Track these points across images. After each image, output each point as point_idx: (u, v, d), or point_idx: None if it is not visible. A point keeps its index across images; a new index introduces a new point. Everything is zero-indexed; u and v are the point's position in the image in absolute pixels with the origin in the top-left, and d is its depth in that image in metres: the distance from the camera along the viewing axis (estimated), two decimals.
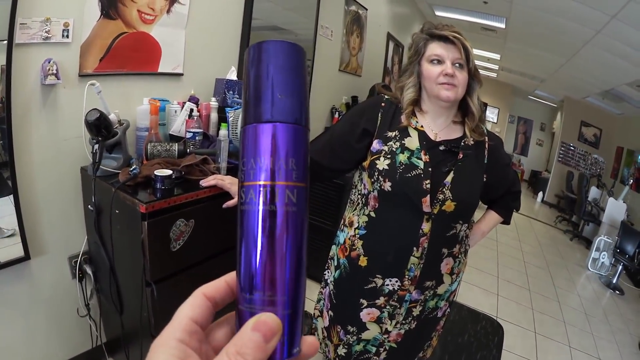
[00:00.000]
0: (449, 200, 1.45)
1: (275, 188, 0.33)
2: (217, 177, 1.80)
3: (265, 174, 0.33)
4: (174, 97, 2.23)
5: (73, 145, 1.86)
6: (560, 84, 10.06)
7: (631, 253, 6.02)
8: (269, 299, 0.33)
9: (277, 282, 0.33)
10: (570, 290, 5.56)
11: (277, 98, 0.35)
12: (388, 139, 1.50)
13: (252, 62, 0.36)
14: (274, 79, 0.35)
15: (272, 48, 0.36)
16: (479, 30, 7.33)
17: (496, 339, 3.72)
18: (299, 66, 0.37)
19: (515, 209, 1.86)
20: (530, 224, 9.00)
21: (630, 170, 8.75)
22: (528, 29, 6.52)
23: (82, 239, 2.00)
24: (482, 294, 4.66)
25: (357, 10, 4.52)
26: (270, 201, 0.33)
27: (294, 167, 0.34)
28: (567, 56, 7.23)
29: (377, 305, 1.57)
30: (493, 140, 1.61)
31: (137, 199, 1.60)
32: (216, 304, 0.36)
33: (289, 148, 0.34)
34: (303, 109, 0.36)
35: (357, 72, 4.85)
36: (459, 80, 1.43)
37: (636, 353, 4.22)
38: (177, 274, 1.79)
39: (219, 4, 2.52)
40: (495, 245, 6.53)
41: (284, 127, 0.35)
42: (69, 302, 2.05)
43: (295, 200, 0.34)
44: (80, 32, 1.79)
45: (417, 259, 1.49)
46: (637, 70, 6.22)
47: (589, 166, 10.62)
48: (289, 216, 0.34)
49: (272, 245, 0.33)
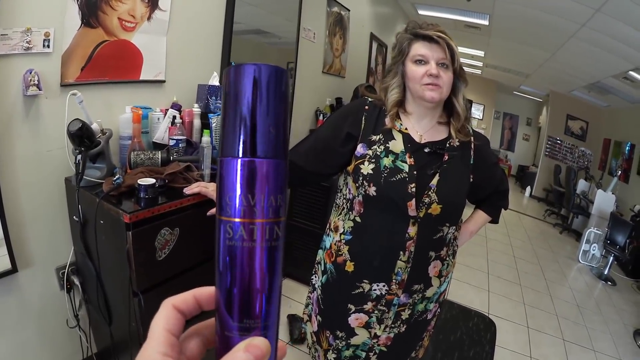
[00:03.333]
0: (435, 203, 1.44)
1: (253, 225, 0.34)
2: (201, 184, 1.80)
3: (243, 211, 0.34)
4: (156, 104, 2.23)
5: (57, 156, 1.86)
6: (546, 79, 10.17)
7: (622, 244, 6.09)
8: (253, 326, 0.35)
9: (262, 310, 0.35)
10: (562, 283, 5.62)
11: (258, 131, 0.34)
12: (372, 142, 1.50)
13: (230, 88, 0.35)
14: (254, 109, 0.34)
15: (251, 73, 0.34)
16: (463, 27, 7.37)
17: (489, 335, 3.75)
18: (281, 93, 0.36)
19: (503, 207, 1.87)
20: (519, 219, 9.09)
21: (619, 162, 8.89)
22: (511, 25, 6.57)
23: (69, 250, 2.00)
24: (473, 291, 4.69)
25: (340, 12, 4.54)
26: (249, 238, 0.34)
27: (272, 203, 0.35)
28: (552, 51, 7.29)
29: (365, 311, 1.57)
30: (479, 140, 1.61)
31: (121, 209, 1.59)
32: (185, 316, 0.38)
33: (268, 184, 0.34)
34: (283, 141, 0.36)
35: (340, 73, 4.87)
36: (443, 81, 1.43)
37: (631, 343, 4.28)
38: (163, 283, 1.79)
39: (200, 9, 2.53)
40: (484, 241, 6.58)
41: (264, 163, 0.34)
42: (58, 314, 2.04)
43: (273, 236, 0.35)
44: (61, 42, 1.79)
45: (404, 263, 1.48)
46: (623, 62, 6.29)
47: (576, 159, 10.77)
48: (267, 251, 0.35)
49: (251, 280, 0.34)
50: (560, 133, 11.66)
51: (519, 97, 14.66)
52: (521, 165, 14.54)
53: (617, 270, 6.45)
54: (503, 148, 15.58)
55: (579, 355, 3.82)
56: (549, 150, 11.84)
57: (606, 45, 5.85)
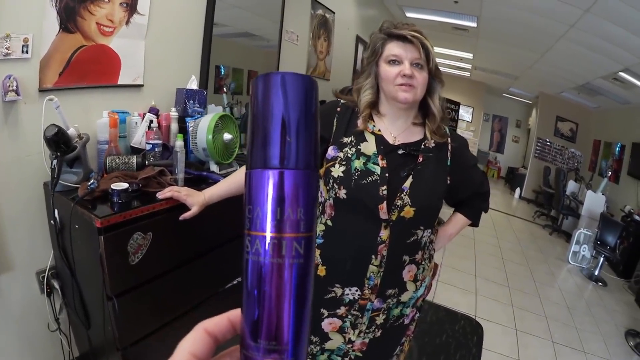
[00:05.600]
0: (408, 206, 1.43)
1: (282, 240, 0.33)
2: (173, 188, 1.81)
3: (272, 225, 0.33)
4: (134, 108, 2.25)
5: (35, 161, 1.88)
6: (535, 81, 10.26)
7: (612, 244, 6.12)
8: (274, 348, 0.33)
9: (283, 333, 0.33)
10: (551, 284, 5.63)
11: (287, 141, 0.33)
12: (343, 145, 1.49)
13: (258, 97, 0.34)
14: (284, 119, 0.33)
15: (281, 81, 0.34)
16: (451, 30, 7.45)
17: (475, 338, 3.75)
18: (311, 103, 0.35)
19: (483, 210, 1.83)
20: (509, 221, 9.11)
21: (609, 162, 8.95)
22: (500, 27, 6.61)
23: (49, 254, 2.02)
24: (459, 294, 4.69)
25: (324, 14, 4.58)
26: (278, 254, 0.33)
27: (302, 217, 0.33)
28: (541, 52, 7.34)
29: (339, 315, 1.55)
30: (456, 142, 1.59)
31: (93, 213, 1.62)
32: (217, 339, 0.36)
33: (298, 197, 0.33)
34: (314, 150, 0.35)
35: (325, 76, 4.91)
36: (417, 81, 1.42)
37: (623, 343, 4.30)
38: (137, 287, 1.81)
39: (179, 13, 2.56)
40: (472, 243, 6.59)
41: (294, 173, 0.33)
42: (39, 318, 2.06)
43: (302, 252, 0.33)
44: (39, 47, 1.82)
45: (377, 267, 1.46)
46: (612, 63, 6.33)
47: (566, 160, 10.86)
48: (296, 269, 0.33)
49: (278, 298, 0.33)
50: (549, 135, 11.79)
51: (508, 99, 14.83)
52: (511, 167, 14.69)
53: (608, 271, 6.48)
54: (492, 150, 15.75)
55: (569, 357, 3.83)
56: (539, 152, 11.97)
57: (595, 46, 5.89)
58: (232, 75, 3.43)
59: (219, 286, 2.37)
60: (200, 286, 2.22)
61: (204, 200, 1.75)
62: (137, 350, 1.86)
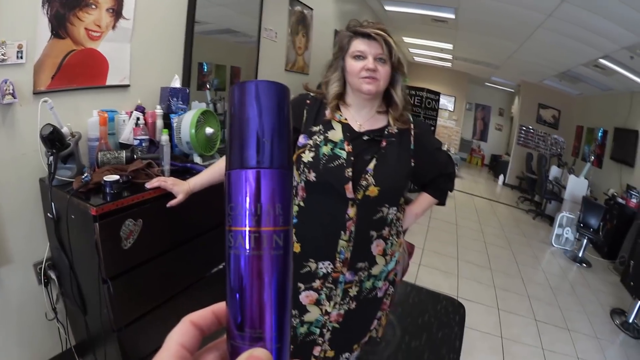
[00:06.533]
0: (372, 186, 1.54)
1: (262, 234, 0.35)
2: (160, 179, 1.94)
3: (251, 220, 0.35)
4: (122, 107, 2.38)
5: (31, 159, 1.99)
6: (516, 69, 10.32)
7: (595, 226, 6.21)
8: (258, 335, 0.35)
9: (266, 320, 0.35)
10: (534, 266, 5.70)
11: (262, 143, 0.36)
12: (313, 133, 1.61)
13: (234, 104, 0.37)
14: (258, 123, 0.36)
15: (255, 89, 0.37)
16: (430, 22, 7.50)
17: (457, 317, 3.83)
18: (283, 107, 0.38)
19: (449, 190, 1.93)
20: (492, 207, 9.17)
21: (591, 148, 9.07)
22: (478, 18, 6.65)
23: (45, 246, 2.13)
24: (442, 276, 4.76)
25: (302, 11, 4.67)
26: (258, 247, 0.35)
27: (280, 212, 0.36)
28: (520, 41, 7.39)
29: (314, 288, 1.66)
30: (419, 128, 1.72)
31: (89, 203, 1.77)
32: (202, 331, 0.39)
33: (274, 193, 0.36)
34: (287, 151, 0.38)
35: (304, 70, 4.99)
36: (380, 74, 1.55)
37: (608, 322, 4.41)
38: (130, 270, 1.96)
39: (162, 15, 2.66)
40: (454, 229, 6.66)
41: (270, 173, 0.36)
42: (37, 308, 2.16)
43: (281, 244, 0.36)
44: (33, 53, 1.93)
45: (346, 242, 1.59)
46: (592, 51, 6.39)
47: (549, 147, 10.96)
48: (275, 260, 0.36)
49: (260, 288, 0.35)
50: (532, 122, 11.98)
51: (491, 88, 14.97)
52: (494, 155, 14.81)
53: (592, 253, 6.57)
54: (476, 138, 15.90)
55: (553, 334, 3.93)
56: (522, 139, 12.15)
57: (574, 34, 5.93)
58: (215, 71, 3.50)
59: (205, 270, 2.51)
60: (189, 270, 2.36)
61: (188, 189, 1.89)
62: (132, 331, 2.01)
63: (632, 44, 5.42)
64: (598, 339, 4.03)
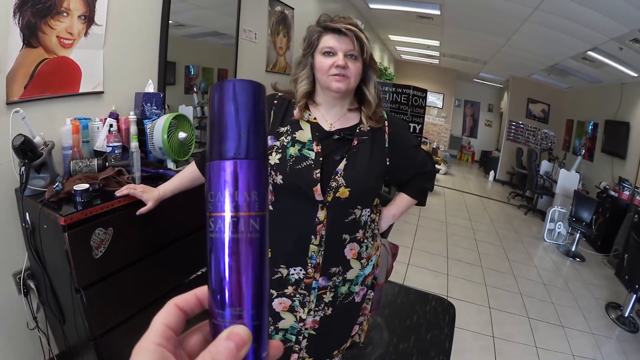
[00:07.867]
0: (343, 187, 1.51)
1: (239, 218, 0.38)
2: (130, 186, 1.92)
3: (230, 206, 0.38)
4: (96, 114, 2.37)
5: (5, 170, 1.98)
6: (504, 64, 10.39)
7: (587, 220, 6.25)
8: (238, 314, 0.38)
9: (244, 299, 0.38)
10: (526, 263, 5.70)
11: (240, 136, 0.39)
12: (280, 134, 1.58)
13: (214, 101, 0.41)
14: (235, 118, 0.39)
15: (232, 87, 0.40)
16: (416, 18, 7.53)
17: (447, 317, 3.82)
18: (259, 103, 0.41)
19: (428, 189, 1.89)
20: (483, 203, 9.20)
21: (582, 141, 9.19)
22: (463, 13, 6.68)
23: (24, 256, 2.12)
24: (430, 276, 4.74)
25: (283, 11, 4.66)
26: (235, 230, 0.38)
27: (255, 198, 0.39)
28: (507, 36, 7.43)
29: (287, 295, 1.65)
30: (394, 126, 1.68)
31: (58, 213, 1.77)
32: (187, 314, 0.41)
33: (250, 182, 0.39)
34: (263, 143, 0.41)
35: (285, 71, 4.97)
36: (351, 71, 1.50)
37: (603, 316, 4.43)
38: (103, 279, 1.96)
39: (135, 20, 2.66)
40: (444, 227, 6.64)
41: (247, 163, 0.39)
42: (18, 318, 2.16)
43: (257, 227, 0.39)
44: (5, 63, 1.92)
45: (317, 246, 1.57)
46: (580, 43, 6.43)
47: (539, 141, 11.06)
48: (252, 242, 0.39)
49: (238, 268, 0.38)
50: (522, 117, 12.08)
51: (480, 84, 15.09)
52: (484, 151, 14.95)
53: (586, 247, 6.61)
54: (465, 135, 16.04)
55: (547, 332, 3.93)
56: (512, 134, 12.23)
57: (562, 27, 5.95)
58: (202, 74, 3.49)
59: (183, 277, 2.51)
60: (164, 278, 2.37)
61: (158, 196, 1.90)
62: (108, 340, 2.01)
63: (621, 35, 5.44)
64: (593, 334, 4.04)
